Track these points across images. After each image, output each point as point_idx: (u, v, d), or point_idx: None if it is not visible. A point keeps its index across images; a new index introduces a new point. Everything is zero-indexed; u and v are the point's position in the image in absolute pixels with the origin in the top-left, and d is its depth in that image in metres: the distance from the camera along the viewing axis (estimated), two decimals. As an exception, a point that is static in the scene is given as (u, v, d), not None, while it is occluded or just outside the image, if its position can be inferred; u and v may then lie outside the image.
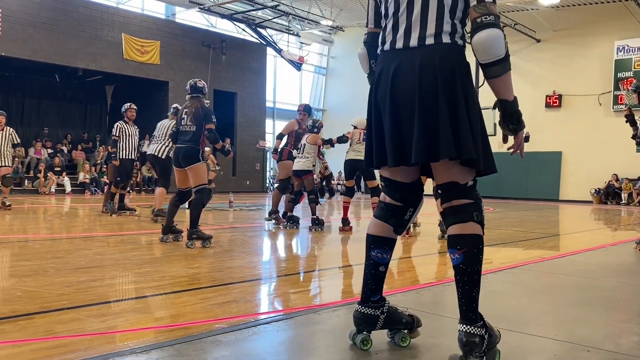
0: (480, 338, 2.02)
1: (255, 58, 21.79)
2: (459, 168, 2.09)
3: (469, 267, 2.04)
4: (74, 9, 16.76)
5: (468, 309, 2.04)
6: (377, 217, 2.31)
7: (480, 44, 1.98)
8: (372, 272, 2.28)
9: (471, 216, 2.08)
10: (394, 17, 2.13)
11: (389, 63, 2.14)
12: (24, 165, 16.81)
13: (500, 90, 2.04)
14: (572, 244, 6.83)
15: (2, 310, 2.82)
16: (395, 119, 2.10)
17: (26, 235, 6.50)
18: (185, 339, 2.40)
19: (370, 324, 2.27)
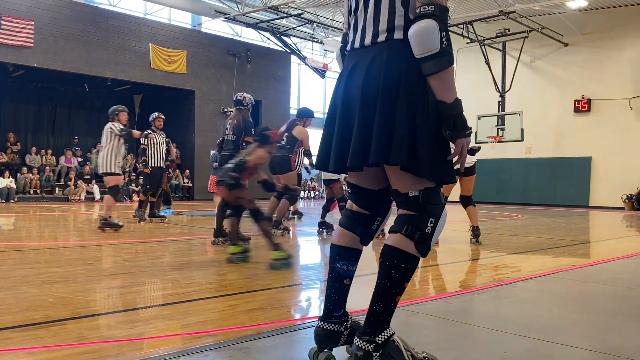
0: (365, 353, 1.90)
1: (279, 66, 21.95)
2: (402, 176, 1.92)
3: (379, 279, 1.93)
4: (103, 21, 17.15)
5: (366, 320, 1.95)
6: (343, 225, 2.16)
7: (413, 36, 1.82)
8: (336, 286, 2.14)
9: (401, 228, 1.92)
10: (355, 15, 2.03)
11: (348, 63, 2.05)
12: (54, 174, 17.20)
13: (437, 88, 1.85)
14: (603, 252, 6.67)
15: (36, 316, 2.88)
16: (345, 121, 1.98)
17: (57, 242, 6.64)
18: (213, 345, 2.41)
19: (334, 341, 2.12)
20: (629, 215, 15.26)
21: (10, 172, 16.08)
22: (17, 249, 5.81)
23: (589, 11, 19.22)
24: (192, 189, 19.42)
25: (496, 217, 12.57)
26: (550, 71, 20.38)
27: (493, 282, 4.15)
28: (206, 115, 19.68)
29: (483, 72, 19.76)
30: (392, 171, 1.95)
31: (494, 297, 3.65)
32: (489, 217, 12.41)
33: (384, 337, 1.91)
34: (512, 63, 19.65)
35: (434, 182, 1.92)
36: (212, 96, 19.81)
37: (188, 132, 19.47)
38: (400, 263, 1.90)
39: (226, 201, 5.55)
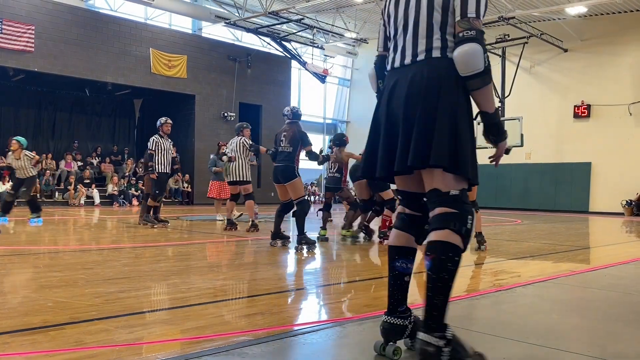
0: (437, 349, 1.99)
1: (280, 71, 21.99)
2: (442, 176, 2.10)
3: (434, 273, 2.04)
4: (103, 25, 17.19)
5: (428, 316, 2.04)
6: (398, 227, 2.36)
7: (460, 58, 2.05)
8: (397, 283, 2.33)
9: (449, 224, 2.07)
10: (394, 39, 2.29)
11: (389, 80, 2.29)
12: (54, 178, 17.19)
13: (480, 102, 2.11)
14: (603, 257, 6.67)
15: (34, 321, 2.87)
16: (389, 132, 2.21)
17: (56, 247, 6.63)
18: (212, 350, 2.41)
19: (399, 334, 2.30)
20: (628, 221, 15.25)
21: (10, 176, 16.09)
22: (16, 253, 5.81)
23: (588, 17, 19.28)
24: (191, 194, 19.41)
25: (496, 223, 12.56)
26: (550, 77, 20.41)
27: (493, 288, 4.14)
28: (206, 120, 19.70)
29: (484, 77, 19.79)
30: (434, 173, 2.12)
31: (493, 302, 3.64)
32: (489, 222, 12.40)
33: (450, 332, 2.05)
34: (511, 68, 19.69)
35: (467, 183, 2.13)
36: (212, 101, 19.83)
37: (188, 136, 19.48)
38: (454, 256, 2.06)
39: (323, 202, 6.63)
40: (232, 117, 20.09)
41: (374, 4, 19.35)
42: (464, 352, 2.04)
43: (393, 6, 2.31)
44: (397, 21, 2.27)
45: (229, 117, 20.03)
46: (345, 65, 27.02)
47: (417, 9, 2.18)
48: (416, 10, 2.19)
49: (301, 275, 5.01)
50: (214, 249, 6.88)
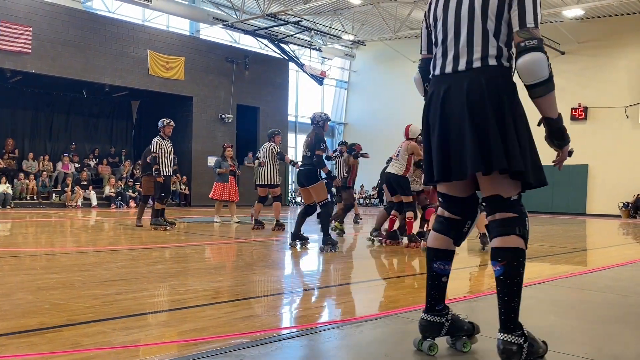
0: (518, 347, 2.12)
1: (277, 73, 21.98)
2: (505, 181, 2.19)
3: (508, 279, 2.14)
4: (101, 27, 17.16)
5: (507, 319, 2.15)
6: (437, 230, 2.44)
7: (525, 67, 2.08)
8: (435, 283, 2.41)
9: (513, 229, 2.17)
10: (443, 44, 2.30)
11: (439, 86, 2.29)
12: (51, 179, 17.15)
13: (544, 108, 2.16)
14: (600, 259, 6.68)
15: (30, 323, 2.86)
16: (444, 138, 2.24)
17: (53, 249, 6.61)
18: (209, 353, 2.40)
19: (436, 331, 2.40)
20: (625, 223, 15.28)
21: (7, 177, 16.04)
22: (13, 255, 5.79)
23: (585, 20, 19.33)
24: (189, 196, 19.38)
25: (493, 225, 12.55)
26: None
27: (490, 290, 4.14)
28: (204, 121, 19.68)
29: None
30: (494, 179, 2.19)
31: (491, 304, 3.63)
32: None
33: (526, 330, 2.18)
34: (509, 71, 19.75)
35: (530, 186, 2.22)
36: (210, 102, 19.81)
37: (185, 138, 19.45)
38: (523, 260, 2.17)
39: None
40: (229, 119, 20.08)
41: (372, 6, 19.38)
42: (537, 345, 2.19)
43: (441, 10, 2.31)
44: (447, 26, 2.27)
45: (226, 119, 20.01)
46: (343, 68, 27.04)
47: (471, 16, 2.20)
48: (469, 18, 2.20)
49: (299, 277, 5.01)
50: (211, 251, 6.87)
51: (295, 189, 24.43)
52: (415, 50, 23.82)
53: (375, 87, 25.54)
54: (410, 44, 24.00)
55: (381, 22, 20.24)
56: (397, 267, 5.88)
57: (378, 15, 19.74)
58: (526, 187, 2.23)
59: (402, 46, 23.85)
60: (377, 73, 25.58)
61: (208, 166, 19.27)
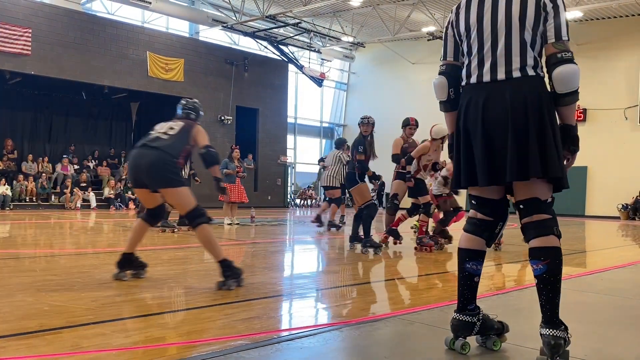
0: (564, 341, 2.23)
1: (277, 75, 22.00)
2: (542, 185, 2.31)
3: (551, 276, 2.25)
4: (100, 29, 17.17)
5: (552, 314, 2.25)
6: (470, 232, 2.51)
7: (561, 77, 2.22)
8: (467, 283, 2.47)
9: (552, 230, 2.30)
10: (479, 53, 2.37)
11: (478, 94, 2.37)
12: (50, 181, 17.14)
13: (567, 116, 2.30)
14: (599, 261, 6.68)
15: (30, 325, 2.86)
16: (487, 143, 2.32)
17: (52, 250, 6.61)
18: (208, 355, 2.40)
19: (468, 330, 2.46)
20: (624, 225, 15.29)
21: (6, 179, 16.03)
22: (12, 257, 5.79)
23: (584, 22, 19.36)
24: (188, 197, 19.37)
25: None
26: (545, 81, 20.48)
27: (489, 292, 4.14)
28: (203, 123, 19.18)
29: (479, 82, 19.83)
30: (529, 183, 2.30)
31: (490, 306, 3.64)
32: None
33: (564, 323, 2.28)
34: (508, 73, 19.76)
35: (552, 191, 2.35)
36: (209, 104, 19.79)
37: (185, 140, 19.44)
38: (561, 258, 2.29)
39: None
40: (228, 120, 20.08)
41: (371, 8, 19.40)
42: (568, 338, 2.28)
43: (475, 20, 2.38)
44: (483, 36, 2.35)
45: (225, 120, 20.02)
46: (342, 69, 27.05)
47: (508, 27, 2.29)
48: (507, 28, 2.29)
49: (298, 279, 5.01)
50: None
51: (294, 191, 24.47)
52: (414, 52, 23.95)
53: (375, 88, 25.55)
54: (409, 45, 24.04)
55: (380, 24, 20.27)
56: (398, 268, 5.89)
57: (377, 17, 19.77)
58: (556, 190, 2.37)
59: (401, 48, 23.88)
60: (376, 75, 25.60)
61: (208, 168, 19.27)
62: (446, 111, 2.56)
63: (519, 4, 2.27)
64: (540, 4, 2.24)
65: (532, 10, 2.24)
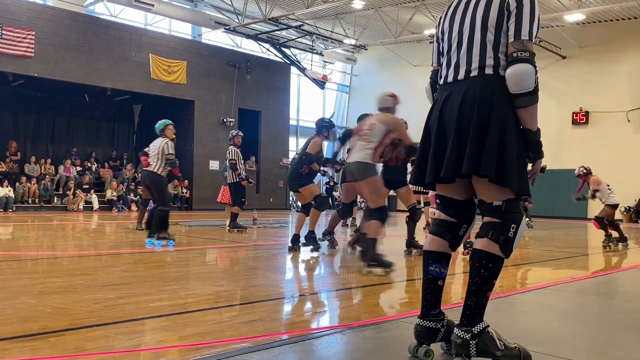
0: (463, 341, 2.20)
1: (279, 77, 22.02)
2: (489, 187, 2.26)
3: (471, 277, 2.25)
4: (103, 31, 17.22)
5: (462, 314, 2.27)
6: (434, 233, 2.46)
7: (512, 76, 2.18)
8: (431, 287, 2.42)
9: (487, 233, 2.25)
10: (447, 55, 2.42)
11: (442, 93, 2.41)
12: (53, 183, 17.17)
13: (525, 119, 2.24)
14: (602, 264, 6.67)
15: (33, 327, 2.87)
16: (439, 139, 2.34)
17: (55, 252, 6.62)
18: (211, 357, 2.41)
19: (432, 337, 2.40)
20: (627, 227, 15.25)
21: (9, 181, 16.07)
22: (15, 259, 5.80)
23: (586, 24, 19.35)
24: (190, 199, 19.39)
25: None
26: (549, 83, 20.45)
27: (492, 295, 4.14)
28: (206, 125, 19.70)
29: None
30: (480, 183, 2.28)
31: (493, 310, 3.63)
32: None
33: (479, 327, 2.22)
34: (510, 75, 19.74)
35: (515, 194, 2.26)
36: (211, 107, 19.85)
37: (187, 142, 19.48)
38: (488, 263, 2.23)
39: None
40: (231, 122, 20.10)
41: (373, 11, 19.43)
42: (493, 345, 2.22)
43: (448, 24, 2.44)
44: (452, 38, 2.40)
45: (228, 122, 20.04)
46: (344, 72, 27.07)
47: (472, 28, 2.31)
48: (470, 29, 2.32)
49: (301, 282, 5.01)
50: (213, 254, 6.87)
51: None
52: (416, 54, 23.95)
53: (377, 91, 25.19)
54: (411, 48, 24.05)
55: (382, 26, 20.28)
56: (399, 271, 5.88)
57: (379, 19, 19.78)
58: (519, 194, 2.27)
59: (403, 50, 23.90)
60: (379, 77, 25.61)
61: (210, 170, 19.30)
62: None
63: (484, 6, 2.28)
64: (504, 5, 2.23)
65: (495, 11, 2.24)
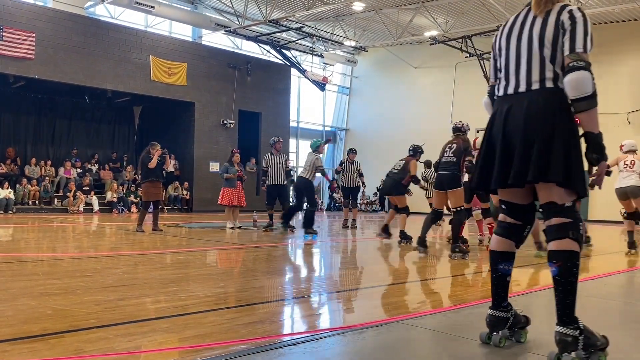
0: (573, 339, 2.35)
1: (279, 79, 22.03)
2: (558, 190, 2.45)
3: (562, 278, 2.38)
4: (104, 33, 17.23)
5: (562, 313, 2.39)
6: (500, 234, 2.72)
7: (570, 83, 2.39)
8: (500, 282, 2.70)
9: (567, 234, 2.41)
10: (506, 69, 2.63)
11: (502, 105, 2.61)
12: (53, 185, 17.17)
13: (586, 122, 2.41)
14: (602, 266, 6.66)
15: (33, 329, 2.87)
16: (505, 148, 2.54)
17: (55, 254, 6.62)
18: (212, 359, 2.40)
19: (503, 325, 2.69)
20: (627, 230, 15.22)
21: (9, 182, 16.07)
22: (15, 260, 5.80)
23: (586, 26, 19.34)
24: (190, 201, 19.39)
25: (495, 231, 12.53)
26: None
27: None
28: (206, 127, 19.71)
29: (481, 86, 19.74)
30: (548, 187, 2.47)
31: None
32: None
33: (581, 324, 2.40)
34: (510, 77, 19.73)
35: (577, 195, 2.46)
36: (212, 108, 19.85)
37: (187, 143, 19.49)
38: (576, 261, 2.40)
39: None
40: (231, 124, 20.11)
41: (373, 12, 19.44)
42: (595, 338, 2.39)
43: (505, 41, 2.66)
44: (510, 54, 2.61)
45: (228, 124, 20.05)
46: (344, 74, 27.09)
47: (530, 44, 2.53)
48: (528, 46, 2.53)
49: (301, 284, 5.00)
50: (213, 256, 6.87)
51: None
52: (416, 56, 23.99)
53: (377, 93, 25.58)
54: (411, 50, 24.07)
55: (383, 28, 20.29)
56: (400, 273, 5.88)
57: (380, 21, 19.79)
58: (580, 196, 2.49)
59: (403, 52, 23.91)
60: (379, 79, 25.63)
61: (210, 171, 19.30)
62: None
63: (540, 25, 2.50)
64: (559, 23, 2.45)
65: (552, 29, 2.46)
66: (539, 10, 2.52)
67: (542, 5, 2.52)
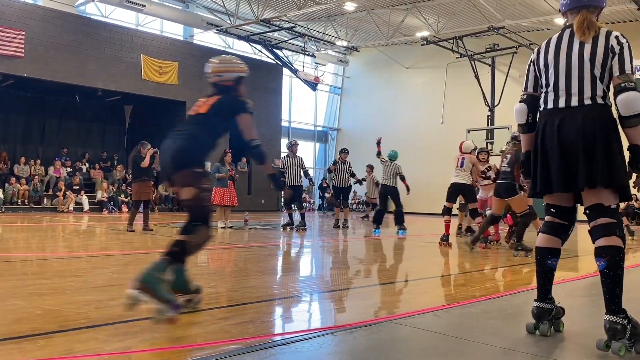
0: (622, 327, 2.57)
1: (271, 78, 22.00)
2: (606, 193, 2.74)
3: (611, 270, 2.62)
4: (94, 31, 17.12)
5: (611, 303, 2.60)
6: (549, 233, 3.01)
7: (623, 102, 2.69)
8: (547, 277, 2.98)
9: (614, 232, 2.68)
10: (556, 85, 2.88)
11: (552, 117, 2.86)
12: (43, 184, 17.04)
13: (635, 137, 2.71)
14: (591, 265, 6.70)
15: (22, 329, 2.84)
16: (563, 157, 2.79)
17: (45, 254, 6.57)
18: (202, 359, 2.40)
19: (548, 315, 2.96)
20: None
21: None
22: (4, 260, 5.75)
23: (576, 28, 19.47)
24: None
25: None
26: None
27: (483, 296, 4.16)
28: (197, 126, 19.62)
29: (472, 87, 19.91)
30: (599, 191, 2.74)
31: (483, 310, 3.65)
32: (479, 230, 12.43)
33: (628, 313, 2.62)
34: (501, 78, 19.83)
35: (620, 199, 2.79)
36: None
37: (179, 143, 19.40)
38: (622, 256, 2.66)
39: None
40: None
41: (365, 13, 19.46)
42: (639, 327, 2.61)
43: (552, 58, 2.90)
44: (559, 71, 2.87)
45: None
46: (336, 73, 27.10)
47: (580, 65, 2.79)
48: (579, 65, 2.79)
49: (293, 283, 5.00)
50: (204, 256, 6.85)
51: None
52: (407, 56, 24.05)
53: (368, 93, 25.61)
54: (403, 50, 24.12)
55: (374, 28, 20.32)
56: (391, 272, 5.90)
57: (371, 21, 19.82)
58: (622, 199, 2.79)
59: (395, 52, 23.96)
60: (370, 79, 25.67)
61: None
62: (524, 132, 3.05)
63: (590, 48, 2.77)
64: (609, 47, 2.73)
65: (602, 52, 2.74)
66: (584, 37, 2.79)
67: (586, 32, 2.79)
